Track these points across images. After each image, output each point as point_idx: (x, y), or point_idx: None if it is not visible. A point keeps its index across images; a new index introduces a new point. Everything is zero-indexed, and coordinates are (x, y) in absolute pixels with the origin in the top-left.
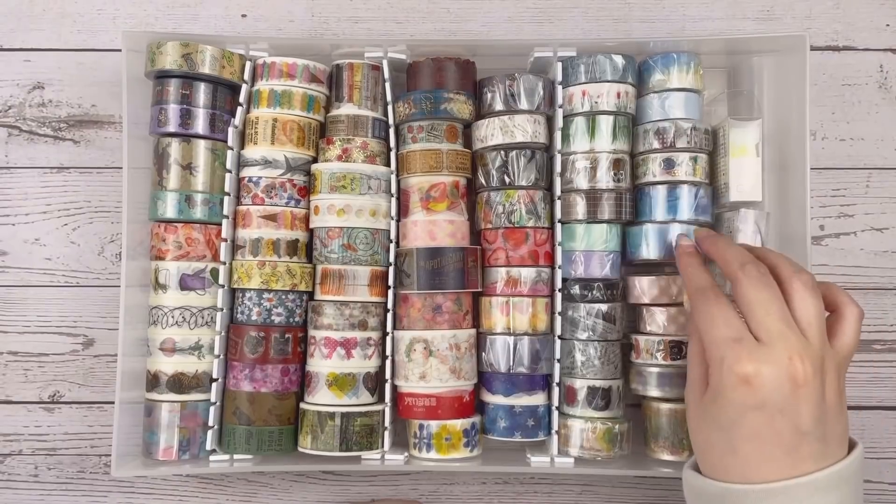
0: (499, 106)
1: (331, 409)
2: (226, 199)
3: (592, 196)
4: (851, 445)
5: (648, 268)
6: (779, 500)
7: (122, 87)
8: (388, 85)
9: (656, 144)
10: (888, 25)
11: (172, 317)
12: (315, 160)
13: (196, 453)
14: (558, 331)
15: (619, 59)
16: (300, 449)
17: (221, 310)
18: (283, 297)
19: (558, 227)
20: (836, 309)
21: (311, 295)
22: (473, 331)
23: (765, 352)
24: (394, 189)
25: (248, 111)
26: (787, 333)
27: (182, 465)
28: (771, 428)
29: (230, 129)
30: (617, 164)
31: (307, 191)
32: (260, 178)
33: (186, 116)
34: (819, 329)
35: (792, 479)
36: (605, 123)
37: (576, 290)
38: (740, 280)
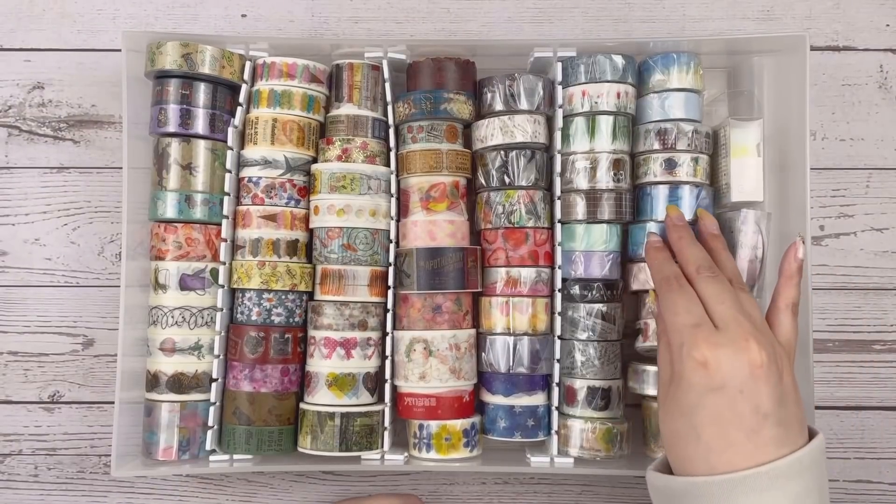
0: (499, 106)
1: (331, 410)
2: (226, 199)
3: (592, 196)
4: (811, 435)
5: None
6: (740, 490)
7: (122, 87)
8: (387, 85)
9: (657, 145)
10: (888, 25)
11: (172, 317)
12: (315, 160)
13: (196, 453)
14: (558, 331)
15: (619, 60)
16: (300, 449)
17: (221, 310)
18: (283, 297)
19: (558, 227)
20: (773, 302)
21: (310, 295)
22: (473, 331)
23: (721, 336)
24: (394, 189)
25: (247, 111)
26: (740, 319)
27: (182, 465)
28: (732, 410)
29: (230, 129)
30: (617, 165)
31: (307, 191)
32: (260, 178)
33: (186, 116)
34: (763, 322)
35: (752, 469)
36: (605, 123)
37: (575, 290)
38: (695, 278)
